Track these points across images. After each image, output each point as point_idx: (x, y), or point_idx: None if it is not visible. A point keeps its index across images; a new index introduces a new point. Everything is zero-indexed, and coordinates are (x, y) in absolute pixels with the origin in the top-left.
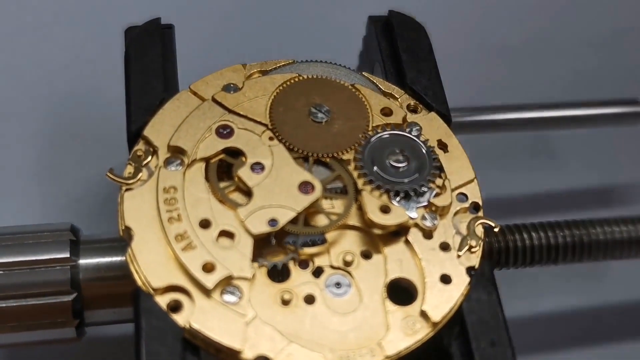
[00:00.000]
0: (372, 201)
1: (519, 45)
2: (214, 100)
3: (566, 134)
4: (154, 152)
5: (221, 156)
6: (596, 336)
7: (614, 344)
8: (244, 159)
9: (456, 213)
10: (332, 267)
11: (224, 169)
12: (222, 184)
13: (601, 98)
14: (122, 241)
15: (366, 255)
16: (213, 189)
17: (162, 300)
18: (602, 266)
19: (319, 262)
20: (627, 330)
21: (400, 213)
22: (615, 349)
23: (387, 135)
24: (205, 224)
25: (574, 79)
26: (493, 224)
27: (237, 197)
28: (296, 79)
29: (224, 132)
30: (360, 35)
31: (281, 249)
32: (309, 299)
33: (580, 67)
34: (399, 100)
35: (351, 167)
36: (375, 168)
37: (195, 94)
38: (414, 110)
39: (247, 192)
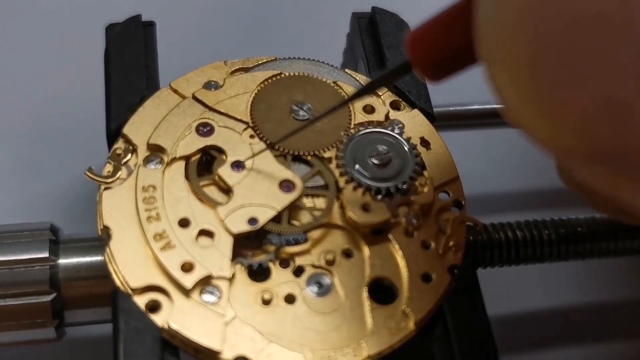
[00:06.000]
0: (353, 199)
1: None
2: (195, 97)
3: None
4: (134, 151)
5: (205, 149)
6: (580, 335)
7: (597, 343)
8: (224, 157)
9: (439, 211)
10: (313, 266)
11: (205, 165)
12: (202, 181)
13: None
14: (103, 240)
15: (347, 254)
16: (193, 187)
17: (141, 301)
18: (588, 265)
19: (299, 261)
20: (610, 329)
21: (382, 211)
22: (598, 348)
23: (369, 133)
24: (184, 223)
25: None
26: (476, 222)
27: (217, 195)
28: (278, 76)
29: (204, 130)
30: (344, 32)
31: (262, 248)
32: (290, 299)
33: None
34: (382, 97)
35: (332, 165)
36: (357, 166)
37: (175, 91)
38: (396, 108)
39: (227, 191)
